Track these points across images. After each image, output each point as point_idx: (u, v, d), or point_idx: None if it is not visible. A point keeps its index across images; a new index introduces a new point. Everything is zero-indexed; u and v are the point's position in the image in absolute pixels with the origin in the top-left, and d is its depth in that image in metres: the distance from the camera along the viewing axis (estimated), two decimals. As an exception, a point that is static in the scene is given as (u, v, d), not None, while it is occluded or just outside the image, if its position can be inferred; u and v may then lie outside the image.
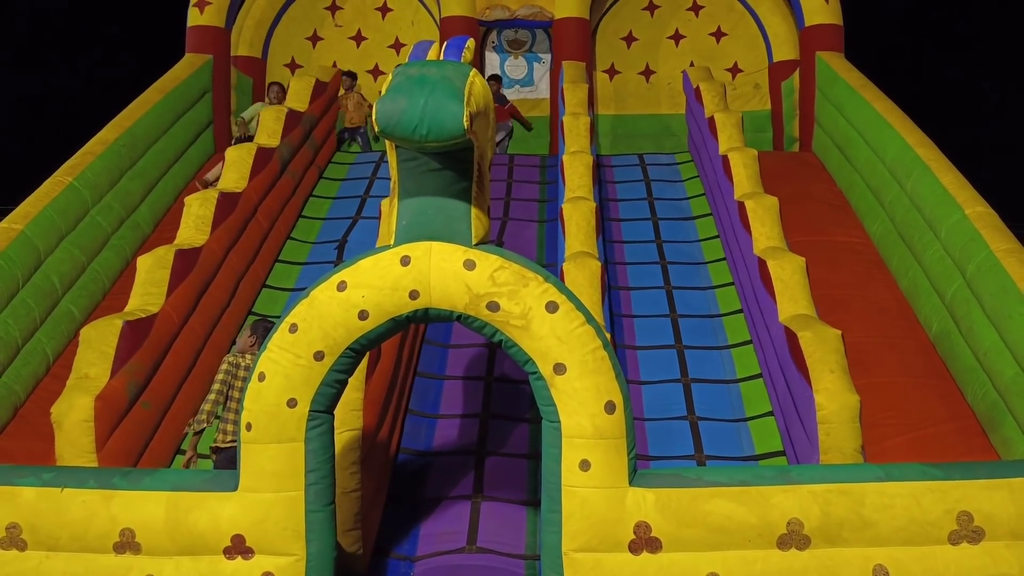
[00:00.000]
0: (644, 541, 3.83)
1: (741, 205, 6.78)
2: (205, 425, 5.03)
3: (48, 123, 15.31)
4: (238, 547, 3.91)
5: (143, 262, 6.07)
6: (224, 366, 5.13)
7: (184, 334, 6.05)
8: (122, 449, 5.12)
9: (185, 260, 6.23)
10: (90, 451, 4.92)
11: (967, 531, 3.85)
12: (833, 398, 4.78)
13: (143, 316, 5.61)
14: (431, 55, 3.86)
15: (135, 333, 5.44)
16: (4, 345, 6.07)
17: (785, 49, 10.51)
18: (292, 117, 8.56)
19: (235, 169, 7.52)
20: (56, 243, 6.89)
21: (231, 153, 7.70)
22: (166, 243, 7.76)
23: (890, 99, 8.27)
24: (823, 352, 4.98)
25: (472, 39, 3.96)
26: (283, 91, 9.37)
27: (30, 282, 6.50)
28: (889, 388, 5.91)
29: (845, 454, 4.71)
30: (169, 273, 6.01)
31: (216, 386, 5.08)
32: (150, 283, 5.94)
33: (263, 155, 7.82)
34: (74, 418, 4.89)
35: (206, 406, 5.07)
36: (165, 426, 5.65)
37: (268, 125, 8.30)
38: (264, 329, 5.07)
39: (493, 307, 3.78)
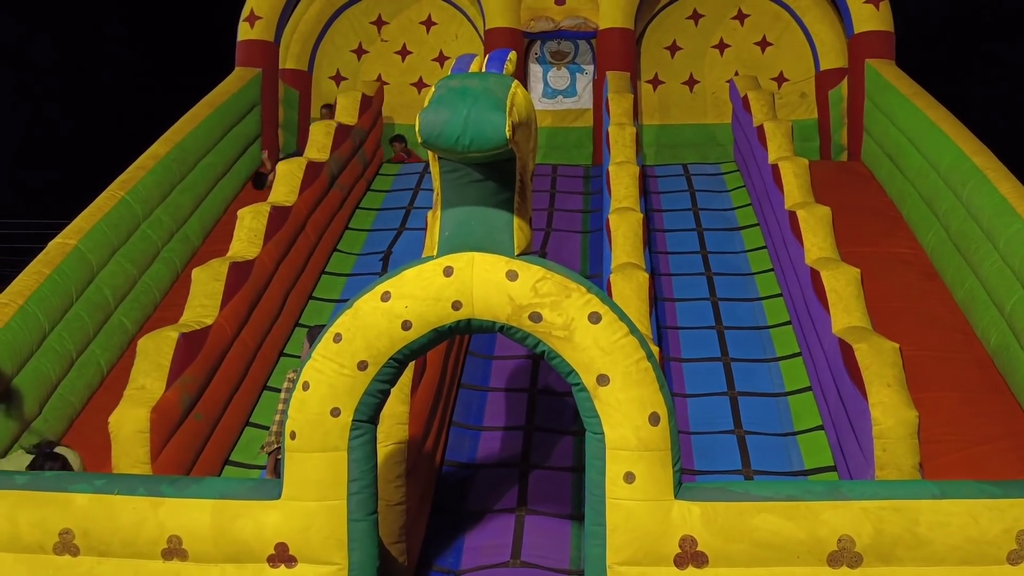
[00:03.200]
0: (690, 556, 3.77)
1: (792, 215, 6.68)
2: (276, 445, 5.03)
3: (102, 134, 15.74)
4: (281, 555, 3.93)
5: (198, 275, 6.15)
6: (286, 383, 5.17)
7: (236, 346, 6.13)
8: (174, 460, 5.20)
9: (238, 273, 6.30)
10: (145, 461, 4.99)
11: (1028, 551, 3.71)
12: (890, 413, 4.65)
13: (197, 328, 5.69)
14: (473, 68, 3.87)
15: (189, 345, 5.52)
16: (59, 358, 6.23)
17: (832, 57, 10.36)
18: (341, 131, 8.64)
19: (285, 183, 7.61)
20: (109, 257, 7.05)
21: (282, 167, 7.80)
22: (216, 255, 7.92)
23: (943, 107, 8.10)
24: (879, 365, 4.85)
25: (514, 52, 3.97)
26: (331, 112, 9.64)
27: (84, 296, 6.66)
28: (944, 403, 5.75)
29: (902, 471, 4.57)
30: (223, 286, 6.07)
31: (280, 406, 5.12)
32: (204, 295, 6.02)
33: (312, 169, 7.89)
34: (130, 429, 4.97)
35: (274, 427, 5.11)
36: (215, 438, 5.72)
37: (318, 139, 8.38)
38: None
39: (535, 318, 3.77)
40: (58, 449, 4.88)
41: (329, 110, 9.67)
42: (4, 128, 16.68)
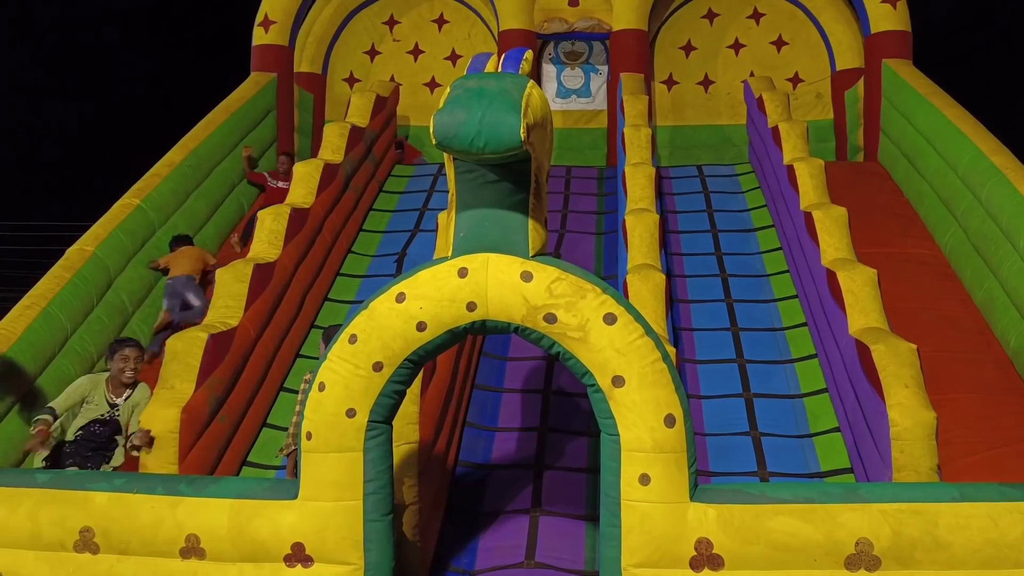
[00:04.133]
0: (705, 558, 3.75)
1: (808, 216, 6.64)
2: (293, 447, 5.04)
3: (120, 140, 15.86)
4: (298, 555, 3.95)
5: (222, 275, 6.18)
6: (302, 385, 5.19)
7: (257, 348, 6.15)
8: (200, 461, 5.24)
9: (261, 274, 6.32)
10: (173, 462, 5.03)
11: (1049, 555, 3.67)
12: (908, 414, 4.61)
13: (224, 329, 5.72)
14: (489, 68, 3.87)
15: (217, 346, 5.56)
16: (80, 359, 6.32)
17: (848, 57, 10.30)
18: (355, 133, 8.65)
19: (303, 184, 7.61)
20: (125, 263, 7.17)
21: (300, 168, 7.79)
22: (232, 259, 7.96)
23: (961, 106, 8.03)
24: (897, 366, 4.81)
25: (530, 51, 3.97)
26: (290, 160, 9.21)
27: (103, 300, 6.75)
28: (963, 405, 5.70)
29: (920, 473, 4.53)
30: (247, 287, 6.10)
31: (297, 407, 5.14)
32: (228, 296, 6.05)
33: (329, 171, 7.91)
34: (160, 429, 5.02)
35: (291, 429, 5.14)
36: (235, 439, 5.75)
37: (332, 141, 8.38)
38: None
39: (550, 319, 3.76)
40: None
41: (288, 157, 9.30)
42: (21, 133, 16.86)
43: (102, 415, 5.03)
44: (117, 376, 5.10)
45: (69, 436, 5.00)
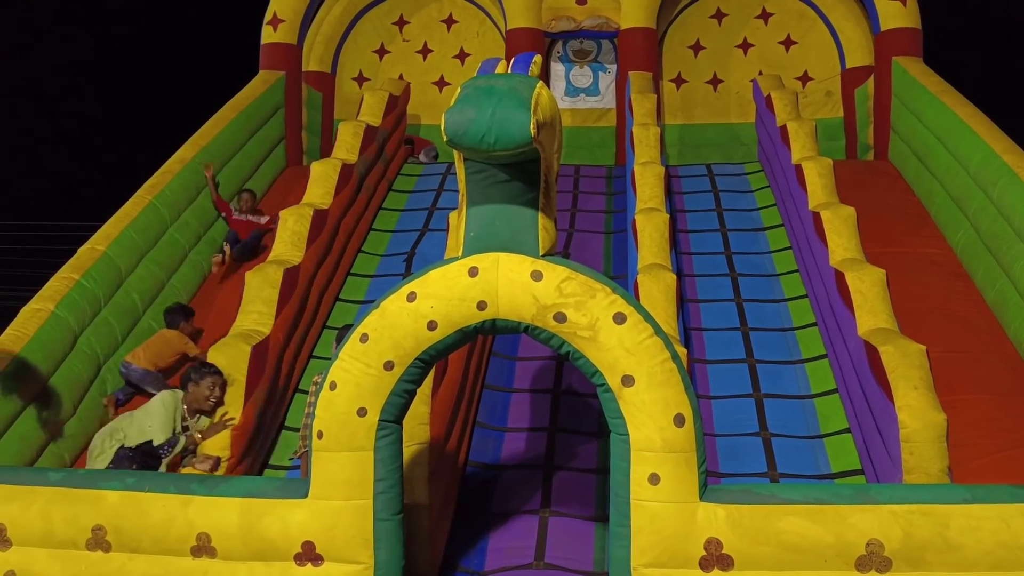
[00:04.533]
0: (715, 558, 3.74)
1: (816, 216, 6.61)
2: (304, 450, 5.06)
3: (130, 139, 15.93)
4: (308, 554, 3.96)
5: (251, 279, 6.12)
6: (312, 387, 5.20)
7: (286, 354, 6.15)
8: (241, 472, 5.31)
9: (289, 278, 6.28)
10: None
11: (1061, 556, 3.65)
12: (917, 416, 4.59)
13: (260, 339, 5.70)
14: (499, 71, 3.88)
15: (258, 357, 5.57)
16: (90, 360, 6.32)
17: (859, 55, 10.25)
18: (368, 132, 8.58)
19: (321, 184, 7.52)
20: (137, 262, 7.14)
21: (317, 168, 7.70)
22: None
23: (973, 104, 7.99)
24: (906, 367, 4.79)
25: (539, 55, 3.98)
26: (252, 197, 8.46)
27: (112, 301, 6.74)
28: (974, 406, 5.66)
29: (930, 475, 4.51)
30: (278, 292, 6.06)
31: (307, 409, 5.15)
32: (260, 301, 6.00)
33: (345, 171, 7.83)
34: (213, 447, 5.13)
35: (303, 431, 5.15)
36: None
37: (347, 140, 8.31)
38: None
39: (560, 318, 3.76)
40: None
41: (250, 195, 8.44)
42: (29, 133, 16.94)
43: (173, 434, 5.10)
44: (201, 401, 5.15)
45: (131, 442, 5.03)
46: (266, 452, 5.87)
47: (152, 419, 5.08)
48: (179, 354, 6.52)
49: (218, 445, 5.11)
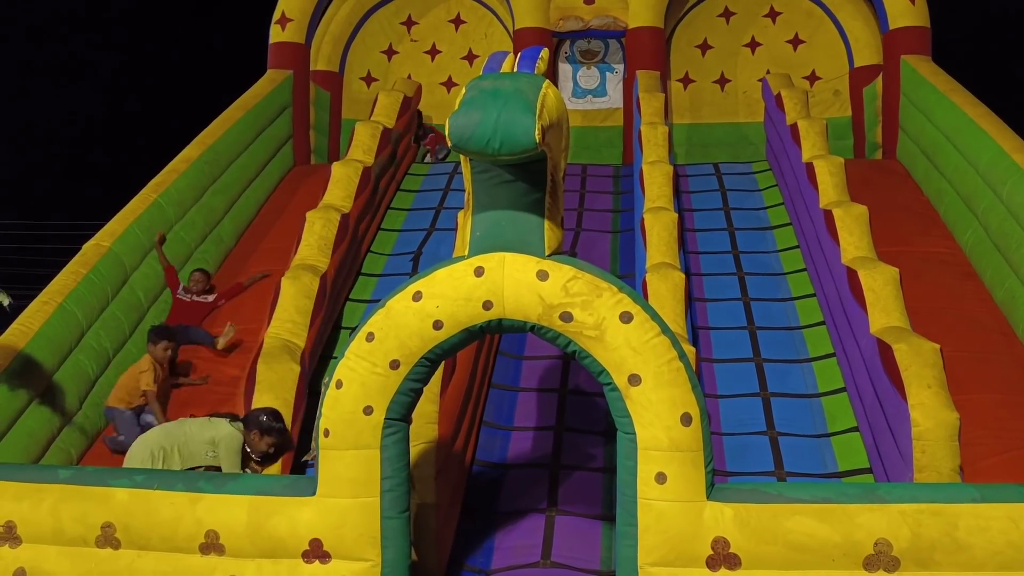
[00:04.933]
0: (722, 557, 3.74)
1: (828, 214, 6.59)
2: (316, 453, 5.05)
3: (137, 139, 15.99)
4: (316, 551, 3.97)
5: (288, 288, 6.06)
6: (323, 389, 5.18)
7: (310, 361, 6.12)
8: None
9: (321, 286, 6.29)
10: None
11: (1071, 557, 3.63)
12: (930, 415, 4.58)
13: (299, 351, 5.69)
14: (505, 67, 3.87)
15: (302, 375, 5.59)
16: (96, 355, 6.35)
17: (867, 54, 10.21)
18: (384, 134, 8.54)
19: (341, 187, 7.44)
20: (142, 259, 7.15)
21: (338, 169, 7.63)
22: (249, 256, 7.97)
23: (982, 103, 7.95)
24: (919, 366, 4.77)
25: (546, 49, 3.97)
26: (205, 278, 7.33)
27: (118, 296, 6.77)
28: (983, 405, 5.64)
29: (942, 474, 4.50)
30: (313, 303, 6.05)
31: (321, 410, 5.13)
32: (295, 311, 5.98)
33: (365, 173, 7.78)
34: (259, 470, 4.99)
35: (316, 432, 5.12)
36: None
37: (364, 141, 8.25)
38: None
39: (566, 317, 3.76)
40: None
41: (204, 275, 7.32)
42: (34, 132, 17.02)
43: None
44: (253, 449, 4.75)
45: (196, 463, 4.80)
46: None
47: (222, 461, 4.76)
48: (135, 390, 5.97)
49: (272, 470, 4.97)
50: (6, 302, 5.00)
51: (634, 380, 3.73)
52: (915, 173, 8.84)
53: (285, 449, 4.83)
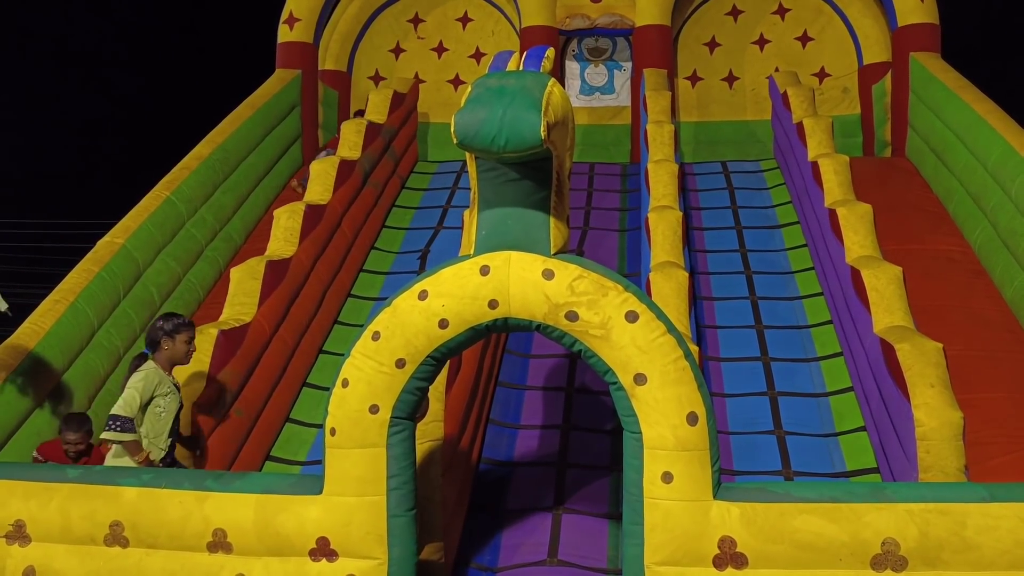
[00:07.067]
0: (729, 556, 3.73)
1: (832, 213, 6.57)
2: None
3: (150, 135, 16.05)
4: (323, 549, 3.98)
5: (235, 273, 6.28)
6: None
7: (274, 343, 6.23)
8: (217, 454, 5.31)
9: (275, 271, 6.40)
10: (186, 456, 5.16)
11: (1080, 557, 3.61)
12: (934, 414, 4.56)
13: (236, 325, 5.80)
14: (511, 65, 3.87)
15: (229, 342, 5.63)
16: (107, 353, 6.38)
17: (876, 51, 10.17)
18: (371, 129, 8.69)
19: (319, 182, 7.71)
20: (154, 256, 7.21)
21: (315, 167, 7.88)
22: (258, 254, 7.99)
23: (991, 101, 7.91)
24: (922, 365, 4.75)
25: (552, 48, 3.96)
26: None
27: (130, 293, 6.81)
28: (992, 404, 5.61)
29: (947, 474, 4.47)
30: (260, 284, 6.18)
31: None
32: (242, 293, 6.14)
33: (345, 167, 7.97)
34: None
35: None
36: (256, 433, 5.82)
37: (349, 138, 8.44)
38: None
39: (572, 317, 3.76)
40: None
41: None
42: (43, 133, 17.11)
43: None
44: (180, 357, 4.86)
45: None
46: (269, 444, 5.91)
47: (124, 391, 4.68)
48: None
49: (183, 421, 5.06)
50: (3, 308, 4.99)
51: (640, 379, 3.73)
52: (924, 170, 8.81)
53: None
